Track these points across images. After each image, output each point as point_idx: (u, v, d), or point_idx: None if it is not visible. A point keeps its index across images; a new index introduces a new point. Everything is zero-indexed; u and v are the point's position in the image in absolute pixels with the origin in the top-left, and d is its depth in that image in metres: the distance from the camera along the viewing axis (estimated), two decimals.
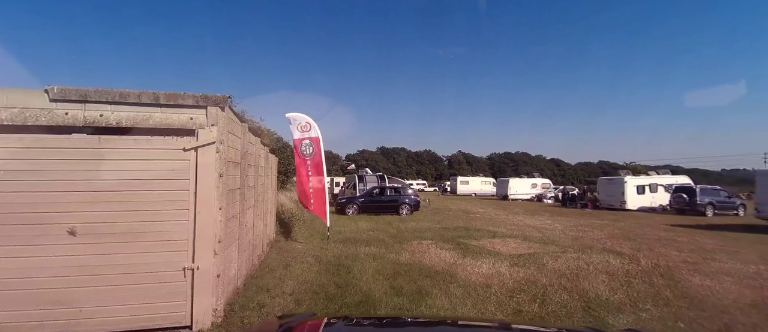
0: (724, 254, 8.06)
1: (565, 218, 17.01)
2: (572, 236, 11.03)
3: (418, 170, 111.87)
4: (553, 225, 14.16)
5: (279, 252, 7.54)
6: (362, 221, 13.89)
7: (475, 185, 42.94)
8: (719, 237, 10.82)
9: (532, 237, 10.63)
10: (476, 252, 8.08)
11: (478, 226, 13.03)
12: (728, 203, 18.84)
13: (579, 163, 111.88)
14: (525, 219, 16.02)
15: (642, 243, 9.79)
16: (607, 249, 8.80)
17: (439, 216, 17.07)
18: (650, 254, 8.15)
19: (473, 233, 11.22)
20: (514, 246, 9.08)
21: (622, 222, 15.53)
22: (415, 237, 10.24)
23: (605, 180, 23.77)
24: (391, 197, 17.58)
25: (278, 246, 8.13)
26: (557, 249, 8.72)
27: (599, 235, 11.33)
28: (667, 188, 21.30)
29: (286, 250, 7.77)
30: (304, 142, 8.41)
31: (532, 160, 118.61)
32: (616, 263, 7.20)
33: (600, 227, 13.59)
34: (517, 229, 12.46)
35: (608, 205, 22.33)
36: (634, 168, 31.30)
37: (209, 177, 3.64)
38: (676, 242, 9.91)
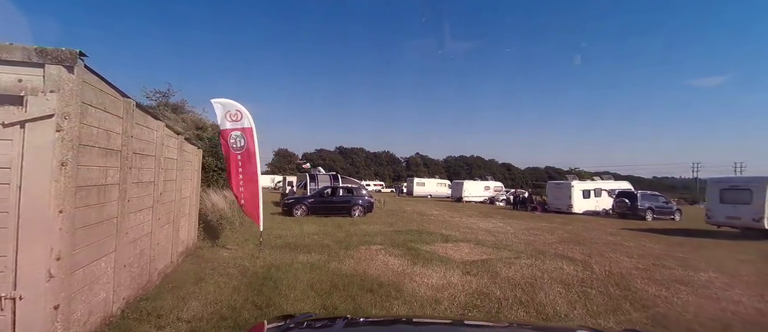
0: (672, 260, 8.06)
1: (517, 221, 17.06)
2: (524, 240, 10.78)
3: (377, 171, 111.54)
4: (505, 228, 14.00)
5: (197, 262, 6.33)
6: (309, 223, 12.81)
7: (431, 187, 43.06)
8: (663, 242, 11.10)
9: (485, 241, 10.21)
10: (427, 259, 7.40)
11: (431, 229, 12.48)
12: (666, 208, 20.06)
13: (528, 168, 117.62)
14: (478, 222, 15.80)
15: (592, 247, 9.70)
16: (560, 254, 8.53)
17: (393, 218, 16.39)
18: (602, 260, 7.95)
19: (426, 237, 10.60)
20: (467, 252, 8.55)
21: (570, 225, 15.80)
22: (363, 242, 9.40)
23: (554, 185, 24.55)
24: (343, 198, 16.62)
25: (198, 254, 6.89)
26: (510, 254, 8.30)
27: (550, 239, 11.20)
28: (610, 193, 22.35)
29: (207, 260, 6.57)
30: (234, 133, 7.22)
31: (486, 163, 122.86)
32: (570, 271, 6.84)
33: (550, 230, 13.62)
34: (471, 233, 12.06)
35: (556, 209, 23.00)
36: (579, 173, 32.82)
37: (43, 166, 2.52)
38: (624, 247, 9.95)
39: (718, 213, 14.26)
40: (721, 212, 14.10)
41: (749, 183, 13.40)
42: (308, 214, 15.45)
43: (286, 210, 15.67)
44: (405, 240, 9.89)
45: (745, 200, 13.26)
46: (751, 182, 13.43)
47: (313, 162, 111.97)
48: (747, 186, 13.40)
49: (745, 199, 13.30)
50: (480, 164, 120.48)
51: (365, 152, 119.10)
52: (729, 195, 13.91)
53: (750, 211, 13.07)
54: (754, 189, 13.07)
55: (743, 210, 13.29)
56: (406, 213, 19.69)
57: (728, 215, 13.80)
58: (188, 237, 6.81)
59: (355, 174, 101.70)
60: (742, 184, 13.69)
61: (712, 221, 14.54)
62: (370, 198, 17.18)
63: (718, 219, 14.27)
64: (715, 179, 14.97)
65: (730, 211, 13.75)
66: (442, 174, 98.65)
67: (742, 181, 13.93)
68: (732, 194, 13.81)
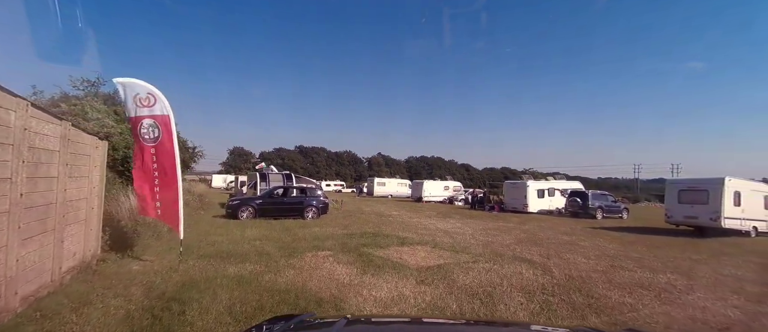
0: (628, 260, 7.93)
1: (475, 221, 16.87)
2: (482, 241, 10.39)
3: (338, 171, 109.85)
4: (463, 229, 13.65)
5: (91, 280, 5.10)
6: (254, 227, 11.62)
7: (391, 187, 42.60)
8: (616, 241, 11.19)
9: (443, 243, 9.68)
10: (379, 267, 6.65)
11: (388, 231, 11.78)
12: (614, 207, 20.90)
13: (485, 168, 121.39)
14: (437, 223, 15.37)
15: (549, 248, 9.47)
16: (518, 257, 8.14)
17: (349, 219, 15.53)
18: (560, 262, 7.64)
19: (381, 240, 9.87)
20: (423, 256, 7.91)
21: (526, 224, 15.82)
22: (312, 247, 8.49)
23: (510, 184, 24.90)
24: (296, 199, 15.51)
25: (98, 270, 5.62)
26: (468, 258, 7.78)
27: (508, 240, 10.92)
28: (563, 192, 22.99)
29: (107, 276, 5.35)
30: (145, 122, 6.01)
31: (446, 164, 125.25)
32: (529, 275, 6.40)
33: (507, 230, 13.45)
34: (428, 234, 11.52)
35: (512, 208, 23.30)
36: (533, 173, 33.79)
37: None
38: (580, 247, 9.83)
39: (676, 213, 14.80)
40: (680, 212, 14.64)
41: (706, 185, 13.99)
42: (256, 217, 14.18)
43: (230, 212, 14.29)
44: (358, 244, 9.10)
45: (703, 200, 13.86)
46: (707, 183, 13.99)
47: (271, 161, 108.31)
48: (704, 187, 13.99)
49: (702, 200, 13.89)
50: (440, 164, 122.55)
51: (327, 152, 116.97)
52: (687, 195, 14.49)
53: (707, 211, 13.65)
54: (711, 190, 13.68)
55: (701, 210, 13.86)
56: (363, 214, 18.91)
57: (686, 215, 14.37)
58: (83, 249, 5.53)
59: (315, 174, 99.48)
60: (700, 186, 14.25)
61: (672, 220, 15.10)
62: (325, 198, 16.20)
63: (677, 218, 14.81)
64: (673, 181, 15.63)
65: (688, 211, 14.32)
66: (404, 174, 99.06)
67: (699, 183, 14.43)
68: (690, 195, 14.38)
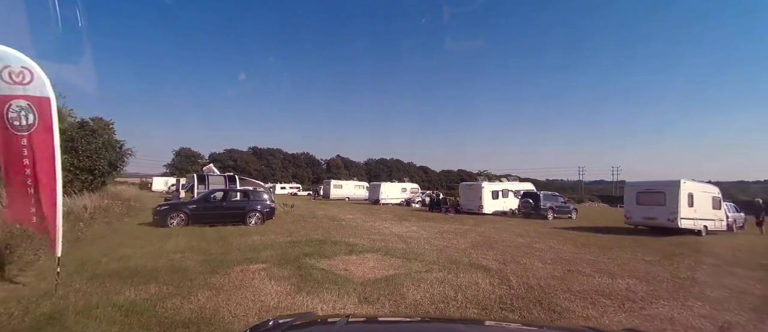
0: (584, 264, 7.63)
1: (431, 224, 16.38)
2: (437, 246, 9.77)
3: (295, 173, 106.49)
4: (418, 232, 13.03)
5: None
6: (181, 237, 10.15)
7: (348, 189, 41.48)
8: (569, 243, 11.08)
9: (396, 250, 8.91)
10: (319, 281, 5.72)
11: (337, 237, 10.83)
12: (564, 208, 21.48)
13: (443, 171, 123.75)
14: (392, 226, 14.65)
15: (505, 252, 9.04)
16: (474, 263, 7.56)
17: (298, 225, 14.35)
18: (517, 268, 7.15)
19: (328, 248, 8.90)
20: (372, 266, 7.07)
21: (481, 226, 15.58)
22: (244, 260, 7.34)
23: (466, 186, 24.91)
24: (236, 203, 14.06)
25: None
26: (421, 267, 7.05)
27: (463, 244, 10.41)
28: (516, 194, 23.33)
29: None
30: (14, 104, 4.60)
31: (405, 166, 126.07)
32: (486, 286, 5.77)
33: (463, 233, 13.03)
34: (382, 240, 10.72)
35: (468, 209, 23.26)
36: (488, 175, 34.34)
37: None
38: (535, 250, 9.51)
39: (635, 214, 15.23)
40: (639, 213, 15.06)
41: (663, 187, 14.45)
42: (188, 224, 12.59)
43: (157, 219, 12.55)
44: (300, 253, 8.07)
45: (660, 202, 14.33)
46: (664, 186, 14.45)
47: (221, 163, 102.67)
48: (661, 189, 14.46)
49: (659, 201, 14.37)
50: (400, 167, 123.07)
51: (283, 153, 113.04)
52: (645, 197, 14.94)
53: (665, 212, 14.11)
54: (668, 191, 14.16)
55: (658, 211, 14.30)
56: (316, 218, 17.76)
57: (645, 216, 14.82)
58: None
59: (270, 176, 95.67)
60: (657, 188, 14.71)
61: (631, 221, 15.52)
62: (271, 202, 14.88)
63: (636, 219, 15.24)
64: (632, 183, 16.07)
65: (646, 212, 14.76)
66: (363, 176, 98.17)
67: (657, 185, 14.87)
68: (648, 197, 14.83)
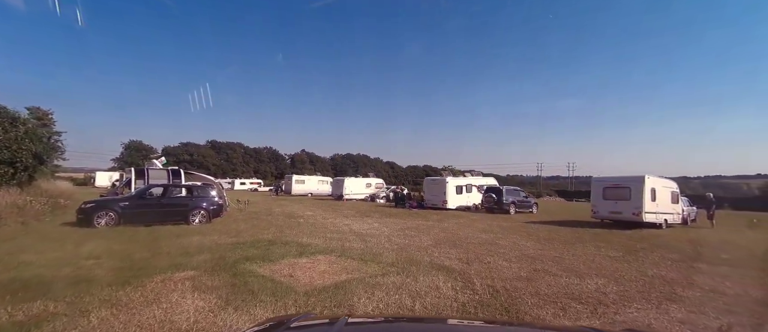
0: (549, 262, 7.23)
1: (394, 220, 15.75)
2: (398, 245, 9.10)
3: (257, 168, 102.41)
4: (380, 229, 12.33)
5: None
6: (103, 239, 8.77)
7: (311, 185, 40.03)
8: (533, 238, 10.81)
9: (352, 250, 8.12)
10: (253, 293, 4.81)
11: (290, 237, 9.87)
12: (526, 202, 21.63)
13: (409, 166, 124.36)
14: (353, 223, 13.84)
15: (469, 250, 8.53)
16: (436, 263, 6.94)
17: (249, 223, 13.17)
18: (482, 269, 6.60)
19: (276, 250, 7.95)
20: (322, 271, 6.24)
21: (445, 222, 15.16)
22: (170, 267, 6.24)
23: (430, 181, 24.56)
24: (178, 199, 12.63)
25: None
26: (378, 270, 6.32)
27: (425, 241, 9.82)
28: (479, 188, 23.27)
29: None
30: None
31: (371, 161, 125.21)
32: (448, 291, 5.13)
33: (426, 229, 12.48)
34: (339, 238, 9.89)
35: (432, 205, 22.92)
36: (452, 170, 34.35)
37: None
38: (499, 247, 9.09)
39: (602, 208, 15.41)
40: (605, 208, 15.25)
41: (628, 182, 14.66)
42: (119, 224, 11.09)
43: (82, 218, 10.93)
44: (241, 257, 7.07)
45: (625, 197, 14.57)
46: (629, 181, 14.66)
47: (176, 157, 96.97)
48: (626, 184, 14.67)
49: (625, 196, 14.60)
50: (366, 162, 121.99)
51: (244, 147, 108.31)
52: (611, 192, 15.14)
53: (629, 206, 14.31)
54: (633, 187, 14.38)
55: (624, 206, 14.50)
56: (271, 215, 16.57)
57: (611, 210, 15.00)
58: None
59: (231, 171, 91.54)
60: (623, 183, 14.91)
61: (597, 216, 15.70)
62: (219, 199, 13.55)
63: (602, 213, 15.42)
64: (598, 179, 16.23)
65: (612, 207, 14.95)
66: (329, 171, 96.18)
67: (622, 180, 15.07)
68: (613, 191, 15.03)
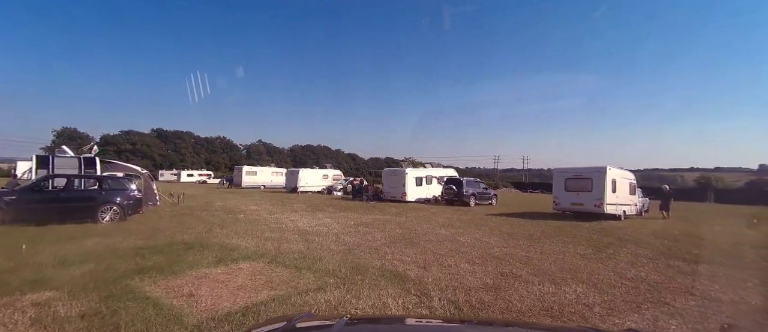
0: (517, 263, 6.26)
1: (348, 214, 14.43)
2: (347, 244, 7.80)
3: (209, 159, 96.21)
4: (330, 225, 10.97)
5: None
6: None
7: (264, 176, 37.45)
8: (495, 233, 9.95)
9: (289, 254, 6.69)
10: (117, 329, 3.29)
11: (217, 239, 8.22)
12: (486, 194, 21.13)
13: (371, 158, 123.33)
14: (300, 219, 12.33)
15: (427, 249, 7.40)
16: (387, 270, 5.72)
17: (174, 221, 11.25)
18: (441, 275, 5.47)
19: (189, 257, 6.35)
20: (238, 286, 4.79)
21: (403, 216, 14.07)
22: (26, 284, 4.56)
23: (389, 172, 23.43)
24: (83, 193, 10.47)
25: None
26: (312, 282, 4.98)
27: (379, 239, 8.60)
28: (439, 180, 22.52)
29: None
30: None
31: (332, 153, 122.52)
32: (398, 310, 3.93)
33: (381, 225, 11.29)
34: (278, 239, 8.40)
35: (391, 197, 21.86)
36: (412, 162, 33.54)
37: None
38: (461, 245, 8.06)
39: (563, 200, 14.98)
40: (567, 199, 14.83)
41: (590, 173, 14.26)
42: (4, 222, 8.84)
43: None
44: (133, 269, 5.42)
45: (587, 188, 14.17)
46: (591, 172, 14.26)
47: (116, 147, 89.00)
48: (588, 175, 14.26)
49: (586, 187, 14.20)
50: (327, 153, 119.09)
51: (194, 137, 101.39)
52: (572, 183, 14.70)
53: (591, 198, 13.92)
54: (594, 178, 13.98)
55: (585, 197, 14.11)
56: (208, 211, 14.61)
57: (573, 202, 14.59)
58: None
59: (179, 162, 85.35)
60: (585, 174, 14.48)
61: (559, 207, 15.27)
62: (137, 193, 11.42)
63: (564, 205, 15.00)
64: (560, 169, 15.69)
65: (574, 198, 14.53)
66: (288, 163, 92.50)
67: (584, 171, 14.63)
68: (575, 183, 14.60)
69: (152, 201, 16.17)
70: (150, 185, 16.26)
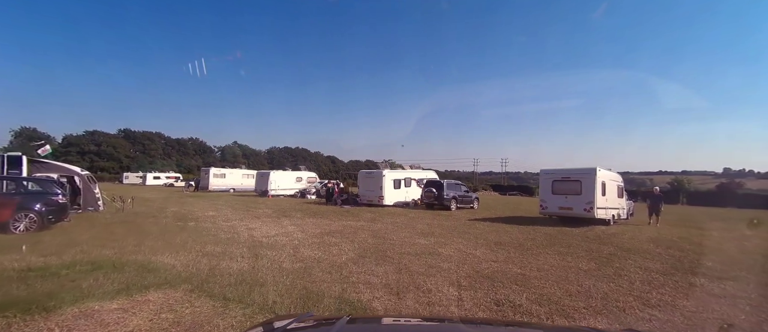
0: (513, 285, 5.02)
1: (317, 220, 12.97)
2: (304, 261, 6.40)
3: (180, 161, 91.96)
4: (293, 235, 9.52)
5: None
6: None
7: (234, 179, 35.21)
8: (482, 243, 8.73)
9: (224, 276, 5.24)
10: None
11: (142, 254, 6.65)
12: (467, 197, 20.02)
13: (351, 161, 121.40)
14: (260, 227, 10.79)
15: (402, 266, 6.10)
16: (347, 299, 4.39)
17: (104, 230, 9.55)
18: (418, 302, 4.18)
19: (89, 280, 4.82)
20: (131, 329, 3.33)
21: (378, 222, 12.73)
22: None
23: (365, 174, 22.02)
24: None
25: None
26: (238, 319, 3.57)
27: (346, 253, 7.24)
28: (419, 182, 21.31)
29: None
30: None
31: (311, 156, 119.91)
32: None
33: (352, 233, 9.93)
34: (219, 253, 6.90)
35: (368, 201, 20.47)
36: (392, 164, 32.27)
37: None
38: (443, 258, 6.79)
39: (551, 204, 13.88)
40: (554, 203, 13.72)
41: (579, 175, 13.25)
42: None
43: None
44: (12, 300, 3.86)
45: (576, 191, 13.09)
46: (580, 174, 13.25)
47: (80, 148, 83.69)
48: (577, 177, 13.24)
49: (575, 190, 13.11)
50: (306, 156, 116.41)
51: (164, 138, 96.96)
52: (560, 186, 13.65)
53: (581, 201, 12.86)
54: (584, 180, 12.95)
55: (574, 201, 13.05)
56: (155, 218, 12.84)
57: (561, 206, 13.48)
58: None
59: (148, 165, 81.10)
60: (573, 176, 13.44)
61: (546, 212, 14.19)
62: (60, 198, 9.59)
63: (552, 209, 13.90)
64: (547, 171, 14.51)
65: (562, 202, 13.44)
66: (264, 165, 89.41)
67: (573, 173, 13.58)
68: (563, 185, 13.55)
69: (93, 206, 14.25)
70: (90, 188, 14.33)
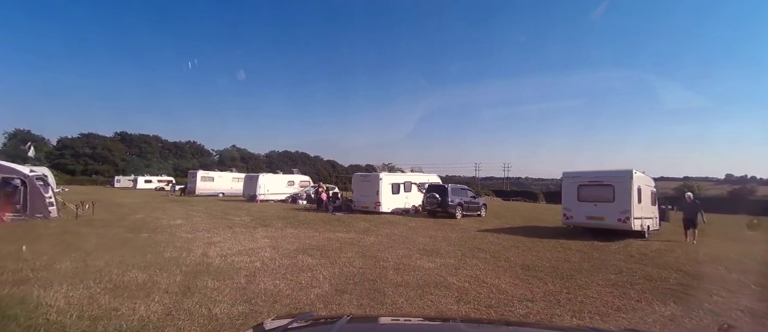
0: None
1: (300, 231, 10.97)
2: (253, 299, 4.41)
3: (177, 165, 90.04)
4: (262, 251, 7.57)
5: None
6: None
7: (223, 183, 33.18)
8: (503, 267, 6.64)
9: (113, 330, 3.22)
10: None
11: (30, 287, 4.66)
12: (474, 204, 17.88)
13: (351, 165, 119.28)
14: (226, 241, 8.81)
15: (395, 312, 4.07)
16: None
17: (27, 241, 7.54)
18: None
19: None
20: None
21: (372, 234, 10.71)
22: None
23: (360, 178, 19.95)
24: None
25: None
26: None
27: (320, 282, 5.24)
28: (420, 187, 19.27)
29: None
30: None
31: (311, 160, 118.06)
32: None
33: (337, 250, 7.92)
34: (139, 286, 4.92)
35: (363, 207, 18.41)
36: (391, 167, 30.24)
37: None
38: (454, 295, 4.74)
39: (577, 212, 11.77)
40: (582, 212, 11.63)
41: (611, 179, 11.23)
42: None
43: None
44: None
45: (607, 197, 11.01)
46: (613, 177, 11.23)
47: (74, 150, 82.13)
48: (609, 181, 11.20)
49: (607, 196, 11.04)
50: (306, 160, 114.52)
51: (161, 141, 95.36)
52: (588, 192, 11.59)
53: (614, 210, 10.78)
54: (617, 184, 10.92)
55: (606, 209, 10.99)
56: (105, 228, 10.87)
57: (590, 215, 11.41)
58: None
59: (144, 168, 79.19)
60: (604, 180, 11.42)
61: (571, 222, 12.03)
62: None
63: (578, 219, 11.78)
64: (570, 174, 12.37)
65: (591, 211, 11.37)
66: (264, 170, 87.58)
67: (604, 176, 11.57)
68: (592, 191, 11.51)
69: (42, 212, 12.30)
70: (39, 192, 12.37)
